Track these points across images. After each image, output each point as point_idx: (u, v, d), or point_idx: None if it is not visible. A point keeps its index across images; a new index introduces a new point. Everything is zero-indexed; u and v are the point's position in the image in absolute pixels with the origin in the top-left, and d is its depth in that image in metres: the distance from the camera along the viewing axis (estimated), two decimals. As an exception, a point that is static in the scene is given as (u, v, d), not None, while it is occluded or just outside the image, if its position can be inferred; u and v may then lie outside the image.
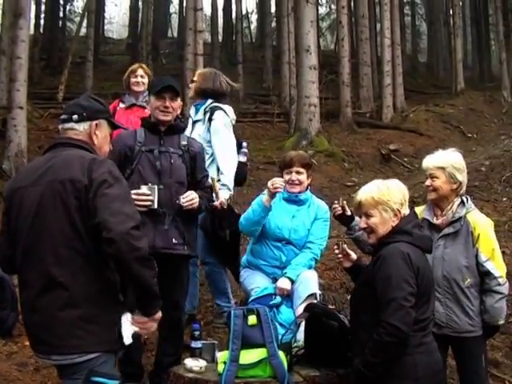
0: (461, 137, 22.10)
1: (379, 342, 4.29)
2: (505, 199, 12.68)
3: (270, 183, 6.33)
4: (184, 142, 6.02)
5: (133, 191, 5.48)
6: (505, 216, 11.00)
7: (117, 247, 3.76)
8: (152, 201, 5.56)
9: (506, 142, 19.94)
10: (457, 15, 28.80)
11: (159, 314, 4.22)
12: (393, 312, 4.26)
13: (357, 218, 5.98)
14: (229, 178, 7.12)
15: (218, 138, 7.19)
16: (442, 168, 5.42)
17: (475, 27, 39.48)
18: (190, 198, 5.81)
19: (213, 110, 7.26)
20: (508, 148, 18.12)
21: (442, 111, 24.49)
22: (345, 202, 6.06)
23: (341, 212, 6.00)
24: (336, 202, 6.12)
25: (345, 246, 5.18)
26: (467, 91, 27.92)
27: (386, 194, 4.65)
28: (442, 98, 27.46)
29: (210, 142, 7.16)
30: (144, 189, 5.58)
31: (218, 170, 7.17)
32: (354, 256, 5.18)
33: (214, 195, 6.68)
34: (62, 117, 4.35)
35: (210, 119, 7.22)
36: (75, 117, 4.26)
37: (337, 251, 5.18)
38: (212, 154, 7.18)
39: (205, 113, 7.29)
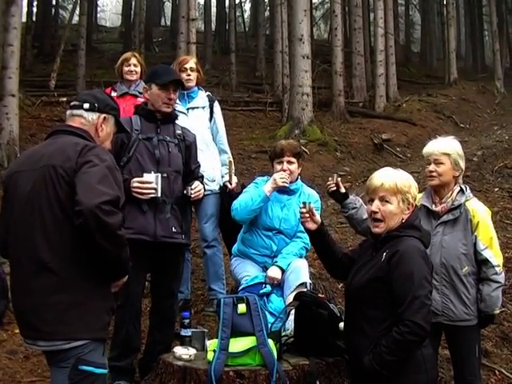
0: (453, 127, 22.13)
1: (400, 340, 4.21)
2: (496, 189, 12.70)
3: (277, 176, 6.38)
4: (179, 131, 6.03)
5: (136, 179, 5.53)
6: (496, 206, 11.02)
7: (84, 220, 3.78)
8: (155, 189, 5.55)
9: (498, 133, 19.99)
10: (450, 5, 28.81)
11: (125, 278, 4.29)
12: (417, 310, 4.19)
13: (351, 197, 5.96)
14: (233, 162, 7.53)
15: (222, 125, 7.63)
16: (448, 154, 5.40)
17: (469, 17, 39.60)
18: (198, 189, 5.89)
19: (212, 98, 7.59)
20: (500, 138, 18.16)
21: (434, 101, 24.53)
22: (339, 179, 6.02)
23: (335, 189, 5.98)
24: (330, 178, 6.10)
25: (312, 205, 5.03)
26: (460, 81, 27.99)
27: (406, 185, 4.53)
28: (434, 88, 27.55)
29: (209, 128, 7.47)
30: (147, 177, 5.56)
31: (220, 154, 7.58)
32: (318, 218, 5.03)
33: (228, 177, 7.28)
34: (73, 103, 4.41)
35: (210, 106, 7.50)
36: (86, 105, 4.32)
37: (303, 210, 5.01)
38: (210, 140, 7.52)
39: (205, 101, 7.53)
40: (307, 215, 4.99)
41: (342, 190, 5.99)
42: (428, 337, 4.28)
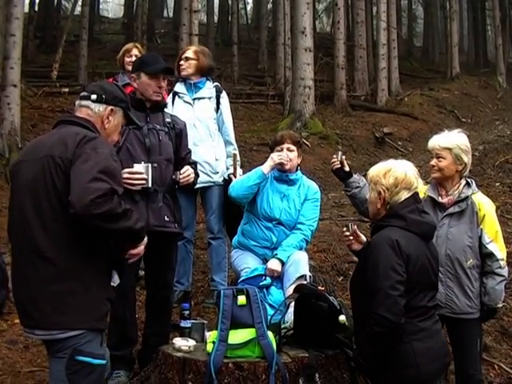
0: (455, 121, 22.15)
1: (370, 333, 4.28)
2: (498, 184, 12.72)
3: (274, 155, 6.42)
4: (168, 120, 6.00)
5: (126, 170, 5.44)
6: (497, 201, 11.01)
7: (83, 220, 3.83)
8: (146, 179, 5.51)
9: (500, 128, 20.04)
10: (453, -1, 28.77)
11: (144, 240, 4.34)
12: (380, 302, 4.22)
13: (355, 176, 5.95)
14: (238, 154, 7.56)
15: (229, 116, 7.57)
16: (449, 149, 5.38)
17: (471, 12, 39.51)
18: (187, 174, 5.82)
19: (219, 89, 7.54)
20: (502, 133, 18.20)
21: (436, 95, 24.57)
22: (343, 157, 5.99)
23: (339, 166, 5.96)
24: (334, 155, 6.07)
25: (355, 227, 5.04)
26: (462, 76, 28.02)
27: (378, 175, 4.59)
28: (436, 82, 27.60)
29: (215, 119, 7.44)
30: (137, 167, 5.52)
31: (225, 145, 7.55)
32: (363, 238, 5.06)
33: (232, 169, 7.31)
34: (82, 94, 4.40)
35: (217, 97, 7.46)
36: (94, 96, 4.31)
37: (347, 233, 5.04)
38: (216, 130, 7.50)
39: (212, 91, 7.51)
40: (351, 238, 5.01)
41: (346, 168, 5.96)
42: (399, 327, 4.25)
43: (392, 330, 4.23)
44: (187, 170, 5.84)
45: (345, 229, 5.05)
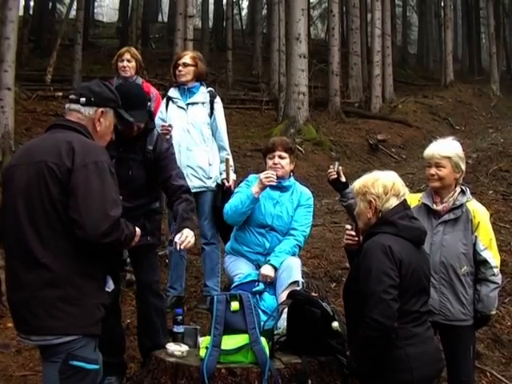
0: (449, 129, 22.19)
1: (364, 337, 4.30)
2: (491, 192, 12.73)
3: (262, 175, 6.36)
4: (150, 147, 5.73)
5: None
6: (490, 209, 10.99)
7: (93, 245, 3.94)
8: None
9: (493, 136, 20.08)
10: (448, 7, 28.93)
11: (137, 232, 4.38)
12: (373, 306, 4.24)
13: (351, 186, 5.96)
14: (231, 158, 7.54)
15: (222, 121, 7.56)
16: (449, 157, 5.37)
17: (466, 20, 39.69)
18: (188, 241, 5.30)
19: (213, 94, 7.54)
20: (495, 141, 18.23)
21: (430, 103, 24.62)
22: (340, 168, 6.00)
23: (335, 177, 5.97)
24: (331, 166, 6.08)
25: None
26: (456, 83, 28.10)
27: (366, 186, 4.62)
28: (430, 89, 27.68)
29: (208, 124, 7.43)
30: None
31: (219, 150, 7.54)
32: (361, 239, 5.01)
33: (225, 175, 7.31)
34: (71, 96, 4.35)
35: (211, 102, 7.46)
36: (83, 100, 4.26)
37: (353, 232, 4.98)
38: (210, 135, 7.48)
39: (206, 96, 7.50)
40: (356, 238, 4.98)
41: (343, 178, 5.98)
42: (393, 331, 4.27)
43: (385, 334, 4.26)
44: (186, 237, 5.30)
45: (349, 227, 5.01)
